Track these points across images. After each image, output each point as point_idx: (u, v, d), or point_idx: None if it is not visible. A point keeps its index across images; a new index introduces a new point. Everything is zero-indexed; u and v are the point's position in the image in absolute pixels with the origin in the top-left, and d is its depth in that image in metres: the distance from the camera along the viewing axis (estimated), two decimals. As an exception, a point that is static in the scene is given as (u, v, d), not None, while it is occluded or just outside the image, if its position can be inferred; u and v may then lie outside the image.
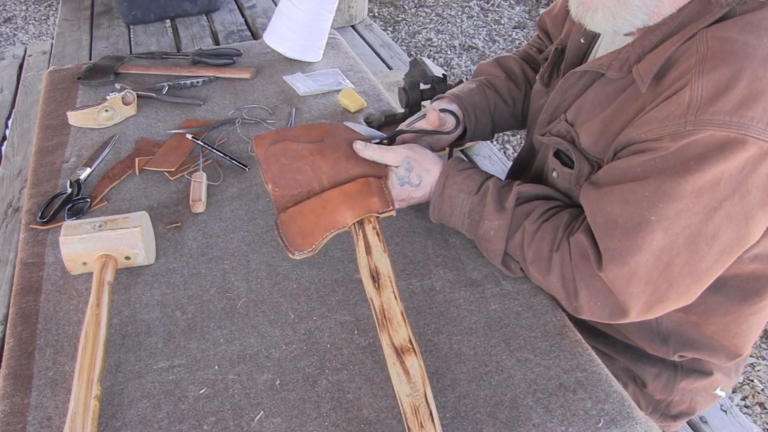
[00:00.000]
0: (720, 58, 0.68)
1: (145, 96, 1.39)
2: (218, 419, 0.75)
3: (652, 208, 0.72)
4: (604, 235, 0.77)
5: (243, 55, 1.58)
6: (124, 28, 2.69)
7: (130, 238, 0.91)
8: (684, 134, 0.69)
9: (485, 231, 0.89)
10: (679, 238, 0.72)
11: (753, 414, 1.75)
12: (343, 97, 1.36)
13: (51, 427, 0.74)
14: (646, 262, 0.74)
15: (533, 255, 0.85)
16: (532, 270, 0.86)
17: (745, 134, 0.65)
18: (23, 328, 0.86)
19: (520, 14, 4.26)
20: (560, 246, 0.82)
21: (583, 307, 0.81)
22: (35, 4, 4.66)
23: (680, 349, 0.95)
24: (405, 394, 0.71)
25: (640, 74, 0.77)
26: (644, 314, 0.79)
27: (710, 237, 0.72)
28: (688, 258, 0.73)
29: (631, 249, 0.74)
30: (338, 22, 3.36)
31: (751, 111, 0.65)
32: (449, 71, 3.58)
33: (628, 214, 0.75)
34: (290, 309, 0.89)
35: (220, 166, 1.18)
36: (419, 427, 0.68)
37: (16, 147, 2.23)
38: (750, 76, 0.66)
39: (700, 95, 0.68)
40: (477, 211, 0.89)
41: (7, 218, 1.91)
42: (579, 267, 0.80)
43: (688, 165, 0.69)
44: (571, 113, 0.90)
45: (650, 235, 0.73)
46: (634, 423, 0.74)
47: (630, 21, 0.77)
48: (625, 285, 0.76)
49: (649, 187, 0.73)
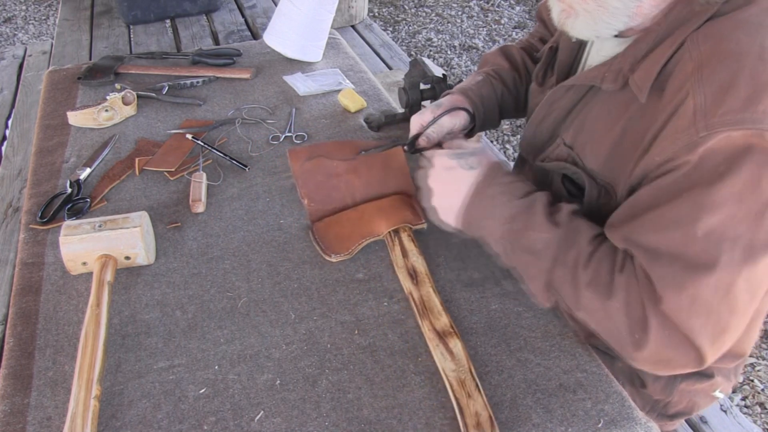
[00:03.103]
0: (716, 60, 0.68)
1: (145, 96, 1.39)
2: (218, 419, 0.75)
3: (696, 224, 0.66)
4: (652, 265, 0.69)
5: (243, 55, 1.58)
6: (124, 28, 2.69)
7: (130, 238, 0.91)
8: (698, 142, 0.66)
9: (531, 242, 0.78)
10: (734, 251, 0.65)
11: (753, 414, 1.75)
12: (343, 97, 1.36)
13: (51, 427, 0.74)
14: (706, 288, 0.66)
15: (591, 276, 0.73)
16: (588, 294, 0.73)
17: (761, 128, 0.64)
18: (23, 328, 0.86)
19: (520, 14, 4.26)
20: (624, 267, 0.72)
21: (649, 340, 0.69)
22: (35, 4, 4.66)
23: None
24: (450, 369, 0.78)
25: (638, 85, 0.76)
26: (711, 348, 0.69)
27: (764, 245, 0.65)
28: (747, 275, 0.66)
29: (685, 273, 0.67)
30: (338, 22, 3.36)
31: (761, 105, 0.64)
32: (449, 71, 3.58)
33: (670, 241, 0.68)
34: (291, 309, 0.89)
35: (220, 166, 1.18)
36: (467, 396, 0.74)
37: (16, 147, 2.23)
38: (750, 73, 0.65)
39: (703, 100, 0.67)
40: (521, 219, 0.79)
41: (7, 218, 1.91)
42: (647, 288, 0.70)
43: (718, 171, 0.66)
44: (569, 135, 0.88)
45: (702, 254, 0.66)
46: (634, 423, 0.74)
47: (611, 24, 0.76)
48: (687, 317, 0.67)
49: (684, 205, 0.67)
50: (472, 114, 1.08)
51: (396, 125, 1.30)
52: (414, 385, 0.78)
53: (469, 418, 0.72)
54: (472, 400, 0.74)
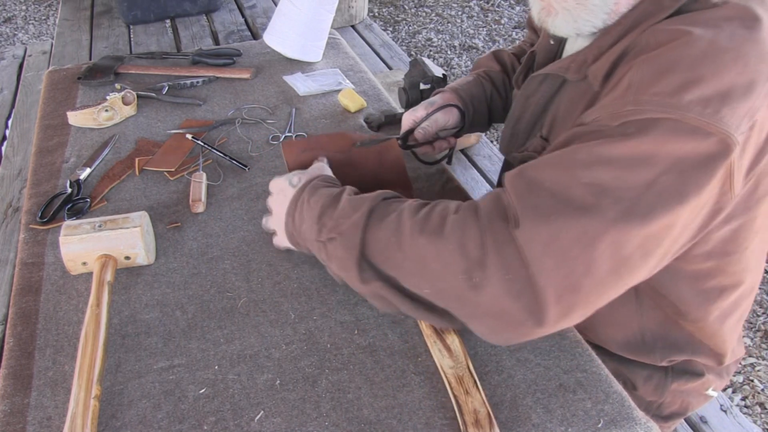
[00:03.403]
0: (664, 47, 0.68)
1: (145, 96, 1.39)
2: (218, 419, 0.75)
3: (586, 170, 0.65)
4: (527, 194, 0.67)
5: (243, 55, 1.58)
6: (124, 28, 2.69)
7: (130, 238, 0.91)
8: (623, 114, 0.67)
9: (336, 226, 0.76)
10: (610, 209, 0.64)
11: (753, 414, 1.75)
12: (343, 97, 1.36)
13: (51, 427, 0.74)
14: (570, 230, 0.63)
15: (422, 223, 0.70)
16: (422, 242, 0.69)
17: (682, 116, 0.64)
18: (23, 328, 0.86)
19: (520, 14, 4.26)
20: (459, 209, 0.70)
21: (489, 281, 0.65)
22: (35, 4, 4.66)
23: (668, 354, 0.95)
24: (448, 366, 0.77)
25: (594, 73, 0.77)
26: (555, 305, 0.65)
27: (642, 215, 0.64)
28: (614, 237, 0.64)
29: (557, 209, 0.65)
30: (338, 22, 3.37)
31: (689, 95, 0.64)
32: (449, 71, 3.58)
33: (557, 177, 0.66)
34: (290, 309, 0.89)
35: (220, 166, 1.18)
36: (464, 393, 0.74)
37: (16, 147, 2.23)
38: (690, 63, 0.66)
39: (640, 77, 0.68)
40: (328, 214, 0.78)
41: (7, 218, 1.91)
42: (493, 226, 0.66)
43: (627, 132, 0.66)
44: (546, 128, 0.89)
45: (580, 199, 0.64)
46: (634, 424, 0.74)
47: (590, 22, 0.77)
48: (541, 251, 0.64)
49: (582, 151, 0.67)
50: (463, 112, 1.09)
51: (396, 125, 1.30)
52: (414, 385, 0.78)
53: (467, 416, 0.72)
54: (470, 397, 0.74)
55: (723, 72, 0.65)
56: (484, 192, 2.25)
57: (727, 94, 0.64)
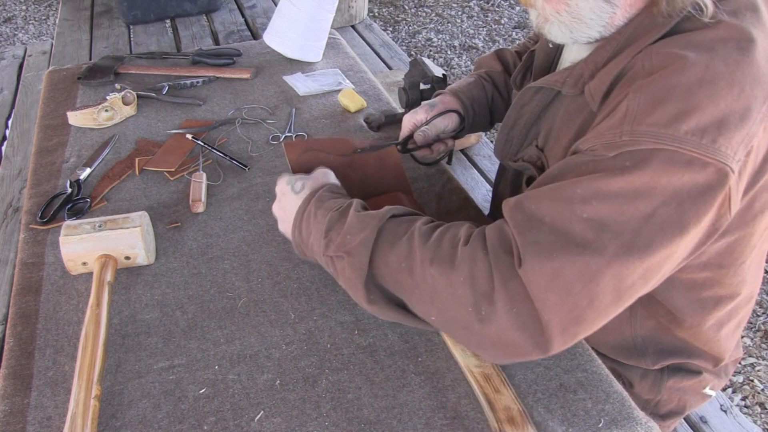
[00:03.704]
0: (659, 75, 0.68)
1: (145, 96, 1.39)
2: (218, 419, 0.75)
3: (585, 206, 0.65)
4: (527, 229, 0.67)
5: (243, 55, 1.58)
6: (124, 28, 2.69)
7: (130, 238, 0.91)
8: (619, 144, 0.67)
9: (344, 244, 0.75)
10: (611, 244, 0.64)
11: (753, 414, 1.75)
12: (343, 97, 1.36)
13: (51, 427, 0.74)
14: (572, 266, 0.64)
15: (433, 252, 0.70)
16: (432, 272, 0.69)
17: (678, 147, 0.64)
18: (23, 328, 0.86)
19: (520, 14, 4.26)
20: (471, 240, 0.70)
21: (497, 315, 0.66)
22: (35, 4, 4.66)
23: (659, 360, 0.96)
24: (474, 365, 0.77)
25: (591, 93, 0.77)
26: (560, 337, 0.66)
27: (643, 248, 0.65)
28: (616, 271, 0.65)
29: (558, 245, 0.65)
30: (338, 22, 3.36)
31: (684, 125, 0.64)
32: (449, 71, 3.58)
33: (557, 212, 0.67)
34: (290, 309, 0.89)
35: (220, 166, 1.18)
36: (494, 391, 0.74)
37: (16, 147, 2.23)
38: (684, 92, 0.65)
39: (636, 107, 0.67)
40: (336, 230, 0.77)
41: (7, 218, 1.91)
42: (500, 260, 0.67)
43: (624, 166, 0.66)
44: (542, 138, 0.89)
45: (581, 234, 0.65)
46: (635, 423, 0.73)
47: (586, 33, 0.77)
48: (544, 287, 0.65)
49: (581, 186, 0.67)
50: (463, 116, 1.09)
51: (396, 125, 1.30)
52: (414, 385, 0.78)
53: (500, 413, 0.72)
54: (500, 394, 0.74)
55: (718, 100, 0.65)
56: (483, 192, 2.25)
57: (723, 123, 0.64)
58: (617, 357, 0.97)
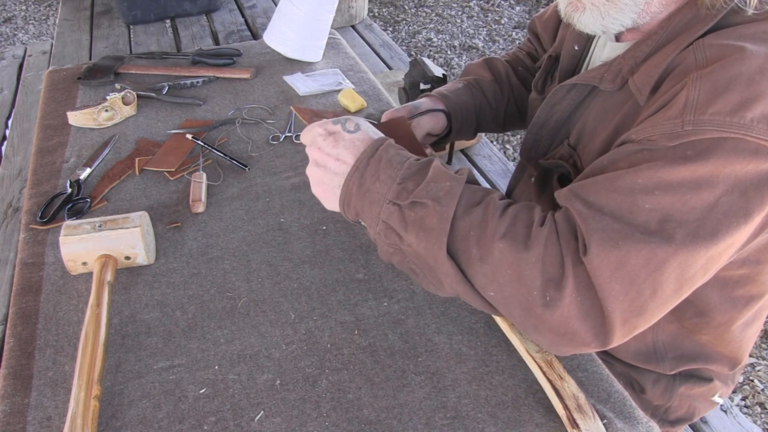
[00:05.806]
0: (719, 64, 0.68)
1: (145, 96, 1.39)
2: (218, 419, 0.75)
3: (647, 197, 0.65)
4: (590, 217, 0.66)
5: (243, 55, 1.58)
6: (124, 28, 2.69)
7: (130, 238, 0.91)
8: (681, 134, 0.66)
9: (432, 192, 0.70)
10: (677, 233, 0.64)
11: (753, 414, 1.75)
12: (343, 97, 1.36)
13: (51, 427, 0.74)
14: (637, 255, 0.63)
15: (507, 227, 0.67)
16: (502, 246, 0.66)
17: (745, 135, 0.64)
18: (23, 328, 0.86)
19: (520, 14, 4.26)
20: (545, 222, 0.68)
21: (562, 300, 0.64)
22: (35, 4, 4.66)
23: (678, 365, 0.95)
24: (534, 350, 0.76)
25: (637, 86, 0.76)
26: (621, 328, 0.66)
27: (708, 236, 0.64)
28: (682, 260, 0.64)
29: (623, 234, 0.64)
30: (338, 22, 3.37)
31: (750, 112, 0.64)
32: (449, 71, 3.58)
33: (616, 202, 0.65)
34: (291, 309, 0.89)
35: (220, 166, 1.18)
36: (558, 378, 0.72)
37: (16, 147, 2.24)
38: (747, 80, 0.65)
39: (697, 96, 0.67)
40: (414, 179, 0.72)
41: (7, 218, 1.91)
42: (570, 247, 0.66)
43: (686, 155, 0.66)
44: (573, 136, 0.88)
45: (644, 224, 0.64)
46: (636, 423, 0.73)
47: (619, 20, 0.76)
48: (609, 276, 0.63)
49: (642, 175, 0.66)
50: (449, 115, 1.08)
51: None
52: (414, 385, 0.78)
53: (568, 400, 0.70)
54: (565, 382, 0.71)
55: None
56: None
57: None
58: (635, 362, 0.96)
